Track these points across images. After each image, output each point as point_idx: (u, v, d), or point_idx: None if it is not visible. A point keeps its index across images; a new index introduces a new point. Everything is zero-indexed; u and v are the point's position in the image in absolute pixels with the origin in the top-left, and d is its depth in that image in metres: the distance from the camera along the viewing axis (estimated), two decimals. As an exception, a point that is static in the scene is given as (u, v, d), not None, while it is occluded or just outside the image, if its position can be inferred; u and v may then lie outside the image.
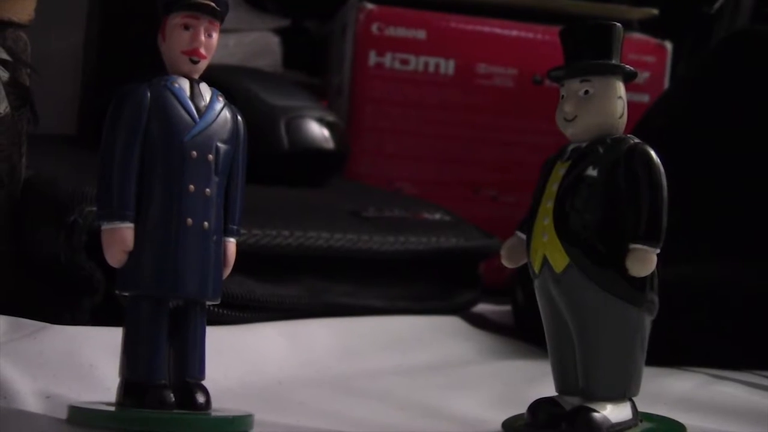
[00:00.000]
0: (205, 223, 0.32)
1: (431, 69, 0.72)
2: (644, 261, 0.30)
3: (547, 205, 0.31)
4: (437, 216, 0.57)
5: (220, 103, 0.33)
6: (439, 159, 0.73)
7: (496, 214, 0.68)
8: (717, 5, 0.81)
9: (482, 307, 0.58)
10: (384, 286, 0.52)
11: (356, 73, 0.71)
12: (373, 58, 0.71)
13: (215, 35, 0.33)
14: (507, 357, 0.49)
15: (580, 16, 0.70)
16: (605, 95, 0.31)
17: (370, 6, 0.71)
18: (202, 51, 0.32)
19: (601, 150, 0.31)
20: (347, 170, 0.70)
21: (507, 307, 0.56)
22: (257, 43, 0.80)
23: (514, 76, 0.72)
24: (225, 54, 0.78)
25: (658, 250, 0.30)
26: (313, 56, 0.84)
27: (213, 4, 0.32)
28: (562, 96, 0.32)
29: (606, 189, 0.30)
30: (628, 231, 0.30)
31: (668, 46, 0.76)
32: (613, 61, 0.31)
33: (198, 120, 0.32)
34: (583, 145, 0.31)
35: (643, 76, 0.74)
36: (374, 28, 0.71)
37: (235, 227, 0.33)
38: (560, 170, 0.31)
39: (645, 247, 0.30)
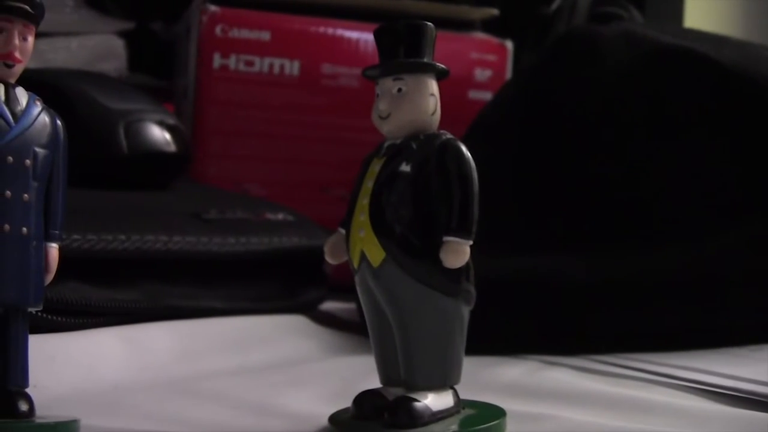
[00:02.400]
0: (24, 229, 0.31)
1: (276, 70, 0.72)
2: (457, 253, 0.31)
3: (364, 201, 0.32)
4: (280, 216, 0.57)
5: (37, 108, 0.32)
6: (286, 160, 0.73)
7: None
8: (555, 5, 0.83)
9: (329, 305, 0.59)
10: (226, 287, 0.52)
11: (201, 75, 0.71)
12: (217, 60, 0.71)
13: (31, 39, 0.32)
14: (348, 353, 0.49)
15: (421, 16, 0.71)
16: (417, 93, 0.32)
17: (213, 8, 0.71)
18: (17, 55, 0.32)
19: (414, 146, 0.32)
20: (194, 173, 0.70)
21: (353, 305, 0.56)
22: (101, 46, 0.79)
23: (359, 76, 0.73)
24: (68, 57, 0.77)
25: (471, 242, 0.31)
26: (159, 59, 0.84)
27: (26, 6, 0.32)
28: (377, 94, 0.33)
29: (419, 184, 0.31)
30: (441, 224, 0.31)
31: (509, 45, 0.78)
32: (425, 60, 0.32)
33: (13, 125, 0.31)
34: (398, 141, 0.32)
35: (486, 74, 0.76)
36: (218, 30, 0.71)
37: (56, 232, 0.33)
38: (376, 167, 0.32)
39: (457, 239, 0.31)
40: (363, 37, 0.73)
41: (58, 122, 0.33)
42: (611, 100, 0.55)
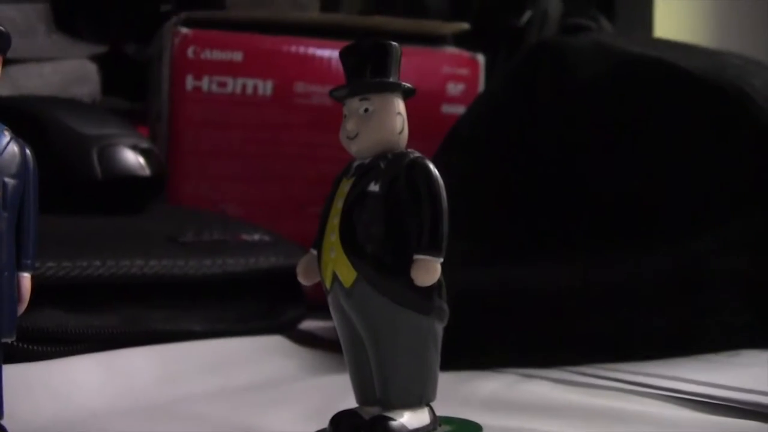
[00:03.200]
0: (-5, 260, 0.31)
1: (249, 90, 0.72)
2: (428, 270, 0.31)
3: (334, 221, 0.32)
4: (256, 236, 0.57)
5: (6, 138, 0.32)
6: (263, 178, 0.73)
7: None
8: (525, 18, 0.83)
9: (308, 324, 0.59)
10: (204, 309, 0.52)
11: (174, 97, 0.71)
12: (190, 82, 0.71)
13: (-2, 68, 0.32)
14: (328, 372, 0.49)
15: (393, 32, 0.71)
16: (384, 112, 0.32)
17: (185, 30, 0.71)
18: (-17, 85, 0.32)
19: (382, 165, 0.32)
20: (170, 195, 0.69)
21: (332, 323, 0.56)
22: (74, 71, 0.79)
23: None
24: (41, 83, 0.77)
25: (441, 259, 0.31)
26: (133, 82, 0.84)
27: (-7, 37, 0.32)
28: (345, 115, 0.33)
29: (388, 203, 0.31)
30: (412, 242, 0.31)
31: (480, 59, 0.78)
32: (391, 79, 0.32)
33: (-19, 156, 0.31)
34: (366, 161, 0.32)
35: (458, 88, 0.76)
36: (190, 52, 0.71)
37: (28, 261, 0.33)
38: (345, 186, 0.32)
39: (428, 257, 0.31)
40: (335, 55, 0.73)
41: (27, 152, 0.33)
42: (583, 109, 0.55)
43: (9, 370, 0.33)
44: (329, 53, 0.73)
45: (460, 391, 0.42)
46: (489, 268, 0.51)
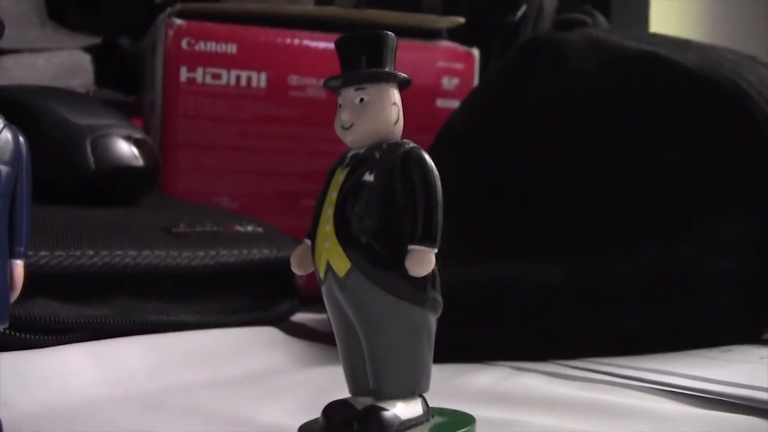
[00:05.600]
0: (-13, 247, 0.31)
1: (243, 83, 0.72)
2: (422, 261, 0.31)
3: (328, 212, 0.32)
4: (250, 228, 0.57)
5: (-1, 125, 0.32)
6: (257, 172, 0.73)
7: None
8: (520, 13, 0.83)
9: (301, 316, 0.59)
10: (197, 301, 0.52)
11: (167, 89, 0.71)
12: (184, 74, 0.71)
13: (-8, 56, 0.32)
14: (320, 364, 0.49)
15: (388, 26, 0.71)
16: (380, 102, 0.32)
17: (179, 22, 0.71)
18: (-23, 73, 0.32)
19: (377, 155, 0.32)
20: (164, 187, 0.69)
21: (325, 315, 0.56)
22: (68, 62, 0.78)
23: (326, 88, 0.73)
24: (34, 74, 0.77)
25: (436, 250, 0.31)
26: (126, 74, 0.84)
27: (-14, 25, 0.32)
28: (340, 105, 0.33)
29: (383, 193, 0.31)
30: (406, 233, 0.31)
31: (476, 53, 0.78)
32: (387, 69, 0.32)
33: (-26, 143, 0.31)
34: (361, 151, 0.32)
35: (453, 82, 0.76)
36: (184, 43, 0.71)
37: (21, 249, 0.33)
38: (340, 177, 0.32)
39: (422, 247, 0.31)
40: (329, 47, 0.73)
41: (21, 139, 0.33)
42: (577, 104, 0.55)
43: (1, 358, 0.33)
44: (324, 46, 0.73)
45: (453, 384, 0.42)
46: (481, 263, 0.51)
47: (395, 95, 0.33)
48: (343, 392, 0.34)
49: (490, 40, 0.83)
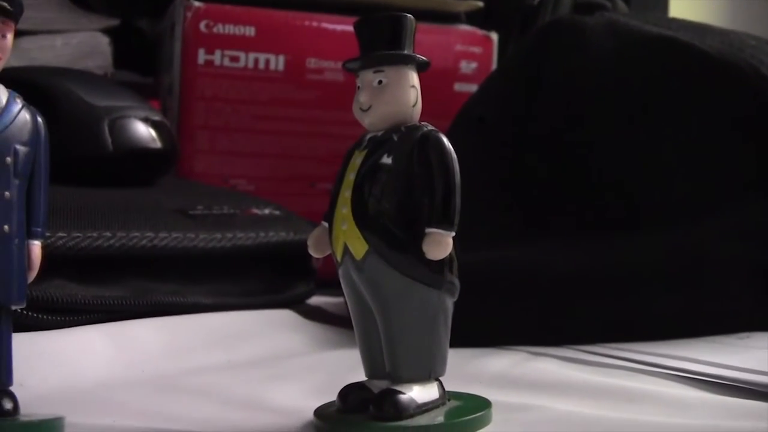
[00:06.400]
0: (6, 227, 0.31)
1: (261, 65, 0.72)
2: (440, 244, 0.30)
3: (346, 194, 0.32)
4: (267, 211, 0.57)
5: (17, 105, 0.32)
6: (273, 155, 0.73)
7: (333, 207, 0.69)
8: (539, -4, 0.83)
9: (317, 300, 0.59)
10: (213, 283, 0.52)
11: (185, 71, 0.71)
12: (202, 56, 0.71)
13: (10, 36, 0.32)
14: (336, 347, 0.49)
15: (406, 9, 0.71)
16: (398, 85, 0.32)
17: (197, 4, 0.71)
18: (-4, 52, 0.32)
19: (395, 138, 0.32)
20: (181, 169, 0.69)
21: (342, 299, 0.56)
22: (86, 44, 0.78)
23: (344, 70, 0.73)
24: (52, 55, 0.76)
25: (453, 233, 0.31)
26: (145, 56, 0.84)
27: (5, 3, 0.32)
28: (358, 87, 0.33)
29: (401, 176, 0.31)
30: (424, 216, 0.31)
31: (494, 36, 0.78)
32: (405, 51, 0.32)
33: (-7, 123, 0.31)
34: (379, 133, 0.32)
35: (471, 66, 0.76)
36: (202, 25, 0.70)
37: (39, 229, 0.33)
38: (357, 159, 0.32)
39: (440, 230, 0.30)
40: (348, 30, 0.73)
41: (39, 119, 0.33)
42: (596, 89, 0.55)
43: (18, 339, 0.33)
44: (342, 29, 0.73)
45: (469, 368, 0.42)
46: (497, 247, 0.51)
47: (414, 78, 0.33)
48: (359, 375, 0.34)
49: (509, 24, 0.82)
